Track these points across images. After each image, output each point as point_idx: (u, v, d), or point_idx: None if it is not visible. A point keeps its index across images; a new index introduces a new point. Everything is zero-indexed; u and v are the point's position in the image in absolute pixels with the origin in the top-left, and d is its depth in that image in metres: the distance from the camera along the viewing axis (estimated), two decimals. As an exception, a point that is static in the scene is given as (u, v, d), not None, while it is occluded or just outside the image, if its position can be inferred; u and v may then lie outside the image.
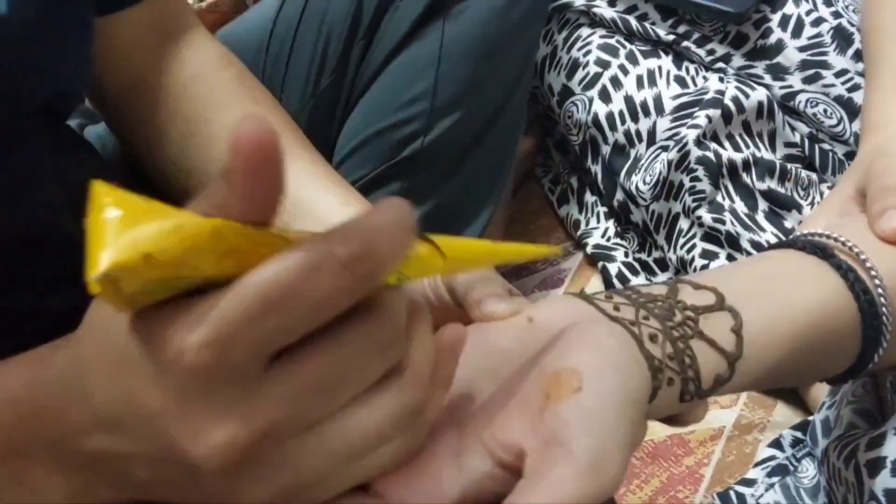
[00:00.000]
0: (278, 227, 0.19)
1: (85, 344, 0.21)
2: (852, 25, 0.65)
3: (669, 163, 0.64)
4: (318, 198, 0.40)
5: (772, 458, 0.56)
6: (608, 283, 0.71)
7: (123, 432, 0.20)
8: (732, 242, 0.64)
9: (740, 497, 0.54)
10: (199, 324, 0.18)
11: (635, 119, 0.67)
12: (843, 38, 0.65)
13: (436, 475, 0.23)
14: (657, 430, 0.61)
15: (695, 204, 0.64)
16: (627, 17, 0.70)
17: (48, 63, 0.35)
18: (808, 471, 0.53)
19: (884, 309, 0.28)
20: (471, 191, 0.55)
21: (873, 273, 0.28)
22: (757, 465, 0.57)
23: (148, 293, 0.18)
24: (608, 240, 0.73)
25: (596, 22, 0.71)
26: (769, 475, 0.55)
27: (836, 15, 0.66)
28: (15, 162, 0.34)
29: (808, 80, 0.66)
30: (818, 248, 0.29)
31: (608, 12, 0.70)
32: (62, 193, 0.36)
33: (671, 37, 0.69)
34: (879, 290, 0.28)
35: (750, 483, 0.55)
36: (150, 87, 0.44)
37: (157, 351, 0.18)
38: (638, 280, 0.70)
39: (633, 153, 0.67)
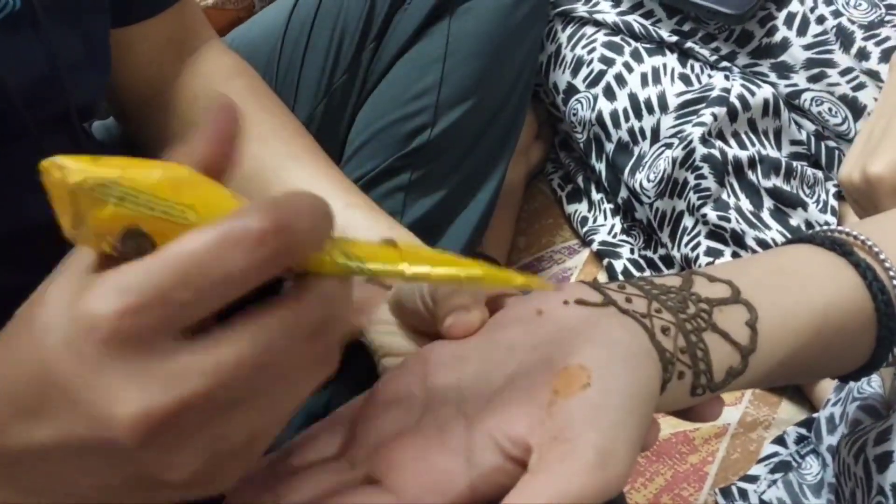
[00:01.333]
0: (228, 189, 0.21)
1: (7, 334, 0.21)
2: (853, 23, 0.65)
3: (674, 160, 0.64)
4: None
5: (775, 454, 0.57)
6: (613, 280, 0.71)
7: (42, 415, 0.19)
8: (737, 240, 0.64)
9: (742, 492, 0.54)
10: (113, 293, 0.18)
11: (639, 117, 0.67)
12: (845, 37, 0.65)
13: (444, 469, 0.23)
14: (662, 428, 0.61)
15: (700, 202, 0.64)
16: (630, 19, 0.70)
17: (71, 73, 0.36)
18: (812, 467, 0.53)
19: None
20: (475, 178, 0.56)
21: (892, 273, 0.28)
22: (760, 461, 0.57)
23: (90, 203, 0.19)
24: (614, 236, 0.73)
25: (600, 23, 0.71)
26: (772, 471, 0.55)
27: (836, 14, 0.66)
28: (40, 160, 0.36)
29: (813, 79, 0.66)
30: (837, 245, 0.28)
31: (611, 16, 0.70)
32: None
33: (674, 38, 0.69)
34: None
35: (753, 479, 0.56)
36: (164, 101, 0.46)
37: (72, 319, 0.19)
38: (642, 277, 0.70)
39: (636, 151, 0.67)
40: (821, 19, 0.66)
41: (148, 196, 0.20)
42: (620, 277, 0.70)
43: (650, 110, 0.67)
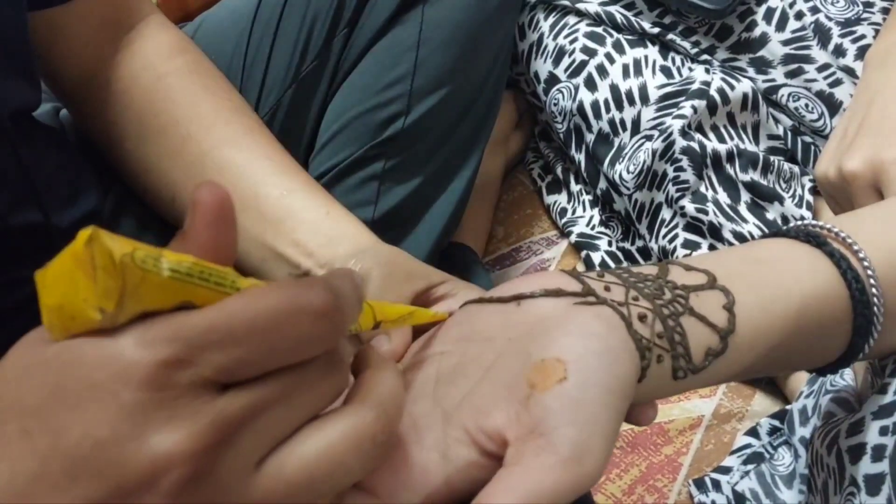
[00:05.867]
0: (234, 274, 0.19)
1: None
2: (830, 20, 0.66)
3: (654, 152, 0.64)
4: (257, 190, 0.40)
5: (748, 445, 0.57)
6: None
7: (77, 476, 0.17)
8: (715, 233, 0.64)
9: (715, 483, 0.55)
10: (165, 340, 0.17)
11: (620, 108, 0.67)
12: (822, 34, 0.66)
13: (420, 465, 0.23)
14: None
15: (678, 194, 0.65)
16: (612, 9, 0.69)
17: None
18: (784, 458, 0.53)
19: (875, 299, 0.28)
20: (449, 167, 0.56)
21: (865, 263, 0.28)
22: (733, 452, 0.57)
23: (139, 278, 0.17)
24: (592, 228, 0.73)
25: (582, 13, 0.71)
26: (745, 462, 0.56)
27: (815, 10, 0.66)
28: None
29: (790, 75, 0.67)
30: (812, 237, 0.29)
31: (593, 7, 0.70)
32: (27, 187, 0.37)
33: (656, 29, 0.69)
34: (871, 281, 0.28)
35: (726, 470, 0.56)
36: (103, 81, 0.44)
37: (112, 364, 0.17)
38: (620, 270, 0.71)
39: (616, 142, 0.67)
40: (799, 15, 0.67)
41: (200, 266, 0.18)
42: (597, 269, 0.70)
43: (631, 102, 0.67)
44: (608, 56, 0.68)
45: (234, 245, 0.20)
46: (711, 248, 0.64)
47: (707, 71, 0.67)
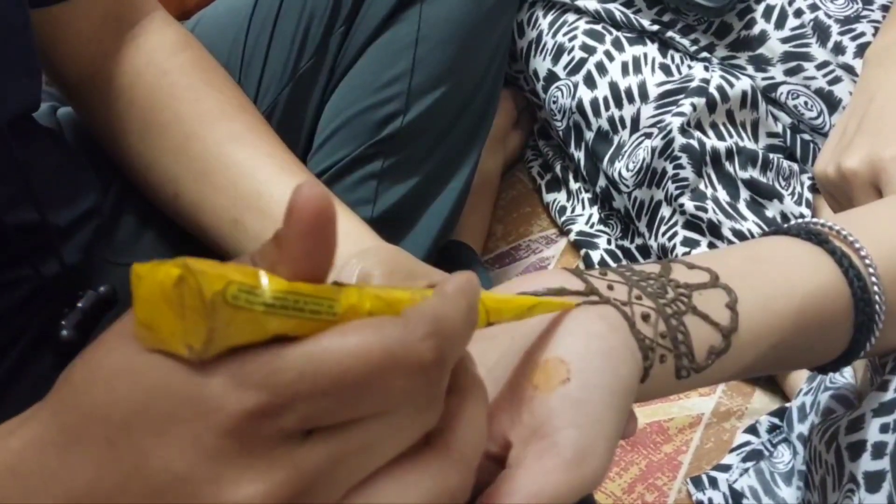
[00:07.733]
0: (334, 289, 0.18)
1: (66, 407, 0.18)
2: (829, 18, 0.66)
3: (653, 150, 0.64)
4: (260, 188, 0.40)
5: (747, 443, 0.57)
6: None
7: None
8: (714, 231, 0.64)
9: (713, 481, 0.55)
10: (254, 386, 0.17)
11: (619, 105, 0.67)
12: (821, 31, 0.66)
13: None
14: (637, 418, 0.61)
15: (677, 192, 0.65)
16: (612, 7, 0.69)
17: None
18: (783, 456, 0.54)
19: (877, 297, 0.28)
20: (448, 166, 0.56)
21: (867, 261, 0.28)
22: (733, 450, 0.57)
23: (231, 315, 0.17)
24: (592, 226, 0.73)
25: (581, 10, 0.71)
26: (744, 460, 0.56)
27: (814, 7, 0.66)
28: None
29: (789, 72, 0.67)
30: (813, 235, 0.29)
31: (592, 4, 0.69)
32: (22, 186, 0.36)
33: (655, 27, 0.69)
34: (873, 278, 0.28)
35: (725, 468, 0.56)
36: (106, 77, 0.44)
37: (198, 403, 0.17)
38: (619, 268, 0.71)
39: (616, 140, 0.67)
40: (798, 13, 0.67)
41: (295, 295, 0.17)
42: (597, 268, 0.70)
43: (630, 99, 0.67)
44: (607, 54, 0.68)
45: (332, 258, 0.18)
46: (711, 245, 0.64)
47: (706, 69, 0.67)
